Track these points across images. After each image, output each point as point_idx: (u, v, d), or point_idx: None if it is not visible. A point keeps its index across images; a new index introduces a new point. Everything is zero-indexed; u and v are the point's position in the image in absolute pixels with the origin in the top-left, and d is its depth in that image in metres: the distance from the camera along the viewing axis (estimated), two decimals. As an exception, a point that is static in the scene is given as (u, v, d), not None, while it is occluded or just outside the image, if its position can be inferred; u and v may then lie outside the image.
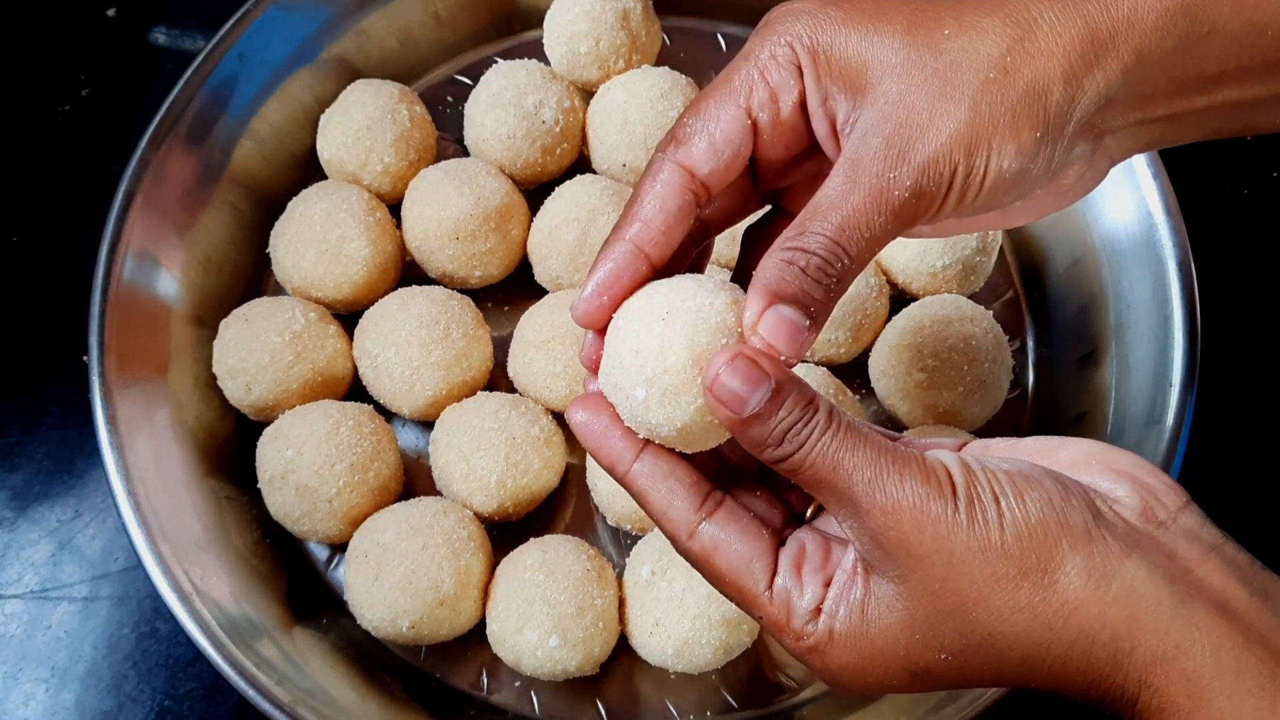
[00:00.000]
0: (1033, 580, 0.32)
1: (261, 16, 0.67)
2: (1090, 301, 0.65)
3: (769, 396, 0.32)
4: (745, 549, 0.36)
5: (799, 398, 0.33)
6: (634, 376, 0.35)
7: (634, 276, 0.37)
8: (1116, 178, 0.63)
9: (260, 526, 0.61)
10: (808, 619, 0.35)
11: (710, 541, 0.36)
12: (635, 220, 0.37)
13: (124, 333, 0.59)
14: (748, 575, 0.36)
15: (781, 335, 0.33)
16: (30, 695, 0.61)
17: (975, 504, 0.32)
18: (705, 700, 0.58)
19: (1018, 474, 0.33)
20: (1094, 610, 0.31)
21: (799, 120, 0.37)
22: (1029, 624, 0.32)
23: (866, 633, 0.34)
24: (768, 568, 0.36)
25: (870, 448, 0.33)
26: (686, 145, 0.37)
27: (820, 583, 0.35)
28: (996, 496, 0.32)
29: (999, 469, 0.33)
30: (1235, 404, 0.70)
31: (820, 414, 0.33)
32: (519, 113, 0.66)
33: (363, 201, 0.65)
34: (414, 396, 0.61)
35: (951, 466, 0.33)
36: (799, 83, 0.36)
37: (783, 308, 0.33)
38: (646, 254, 0.37)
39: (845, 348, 0.63)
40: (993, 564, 0.32)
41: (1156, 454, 0.56)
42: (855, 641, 0.34)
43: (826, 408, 0.33)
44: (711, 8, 0.77)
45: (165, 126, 0.63)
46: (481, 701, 0.59)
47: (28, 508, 0.66)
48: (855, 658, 0.35)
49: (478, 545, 0.57)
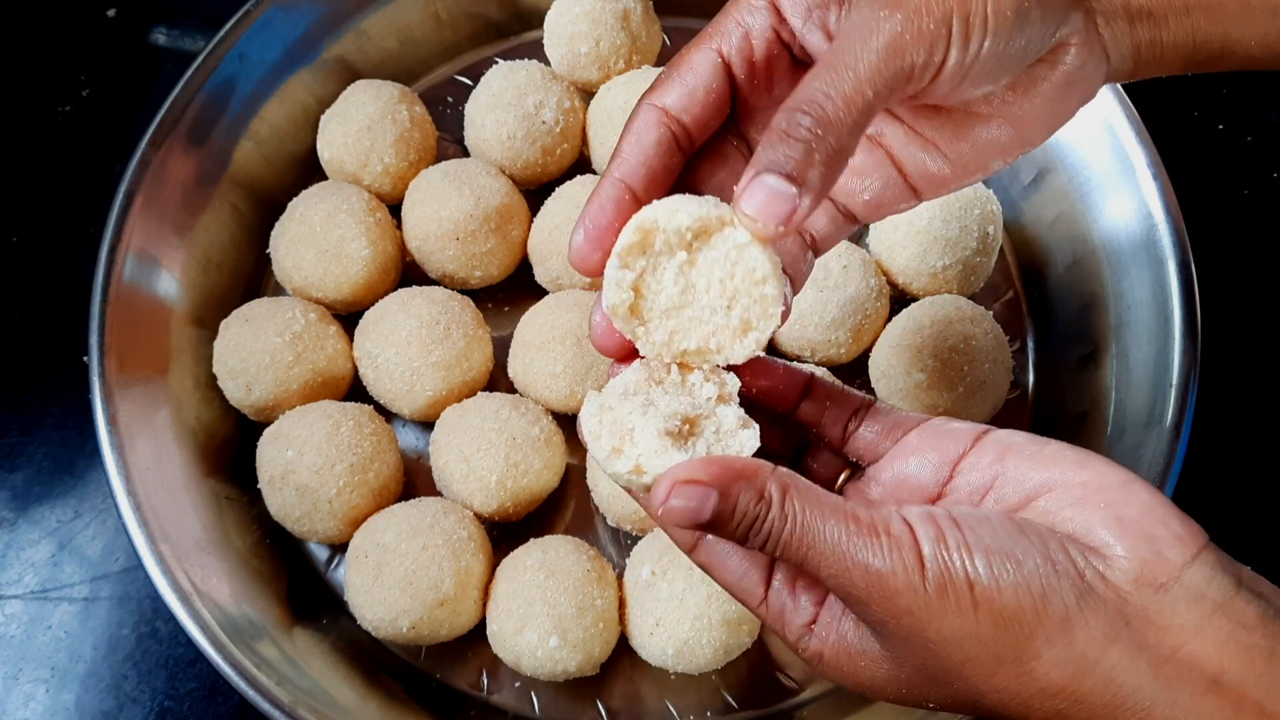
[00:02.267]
0: (1010, 667, 0.32)
1: (261, 17, 0.67)
2: (1090, 301, 0.65)
3: (717, 501, 0.32)
4: (737, 565, 0.38)
5: (749, 494, 0.33)
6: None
7: (619, 207, 0.37)
8: (1117, 178, 0.63)
9: (260, 527, 0.61)
10: (801, 633, 0.37)
11: (707, 556, 0.38)
12: (617, 158, 0.38)
13: (124, 333, 0.59)
14: (742, 590, 0.38)
15: (762, 201, 0.32)
16: (30, 695, 0.61)
17: (948, 589, 0.32)
18: (705, 700, 0.58)
19: (998, 551, 0.32)
20: (1071, 698, 0.32)
21: (777, 55, 0.39)
22: (1008, 701, 0.33)
23: (855, 671, 0.36)
24: (761, 581, 0.37)
25: (834, 528, 0.32)
26: (660, 89, 0.38)
27: (814, 600, 0.37)
28: (971, 582, 0.32)
29: (978, 543, 0.32)
30: (1235, 404, 0.70)
31: (774, 509, 0.33)
32: (519, 113, 0.66)
33: (363, 202, 0.65)
34: (414, 397, 0.61)
35: (923, 539, 0.32)
36: (772, 18, 0.38)
37: (767, 176, 0.32)
38: (629, 185, 0.37)
39: (845, 348, 0.63)
40: (968, 650, 0.32)
41: (1157, 454, 0.56)
42: (845, 671, 0.36)
43: (779, 499, 0.33)
44: (712, 8, 0.76)
45: (165, 127, 0.63)
46: (481, 702, 0.59)
47: (28, 508, 0.66)
48: (849, 680, 0.36)
49: (478, 546, 0.57)
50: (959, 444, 0.37)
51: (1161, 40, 0.40)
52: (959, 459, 0.37)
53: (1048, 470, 0.35)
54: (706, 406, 0.38)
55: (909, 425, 0.38)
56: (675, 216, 0.36)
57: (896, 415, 0.39)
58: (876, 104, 0.33)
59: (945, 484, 0.37)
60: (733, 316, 0.37)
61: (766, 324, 0.37)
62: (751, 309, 0.36)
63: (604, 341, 0.39)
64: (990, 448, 0.36)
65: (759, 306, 0.36)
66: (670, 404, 0.37)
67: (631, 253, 0.36)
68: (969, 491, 0.36)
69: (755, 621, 0.56)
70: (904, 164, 0.42)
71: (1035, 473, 0.35)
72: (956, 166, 0.41)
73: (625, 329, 0.38)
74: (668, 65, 0.39)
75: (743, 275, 0.36)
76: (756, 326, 0.37)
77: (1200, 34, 0.40)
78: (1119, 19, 0.39)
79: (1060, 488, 0.34)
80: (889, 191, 0.42)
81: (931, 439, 0.38)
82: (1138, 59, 0.40)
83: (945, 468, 0.37)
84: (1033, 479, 0.35)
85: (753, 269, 0.36)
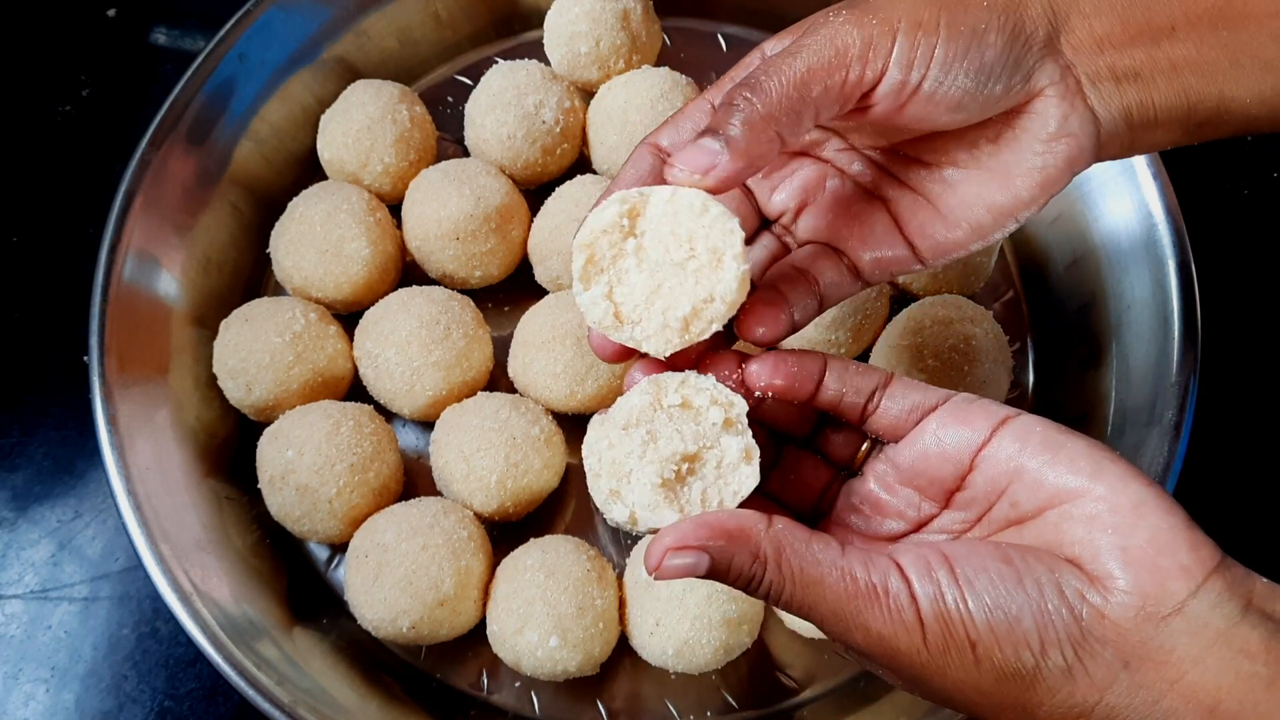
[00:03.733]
0: (1012, 713, 0.34)
1: (261, 17, 0.67)
2: (1090, 301, 0.65)
3: (711, 562, 0.34)
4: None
5: (743, 555, 0.34)
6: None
7: (653, 172, 0.40)
8: (1117, 178, 0.63)
9: (260, 527, 0.61)
10: None
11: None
12: (615, 183, 0.41)
13: (124, 333, 0.59)
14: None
15: (688, 154, 0.36)
16: (30, 695, 0.61)
17: (949, 649, 0.33)
18: (705, 700, 0.59)
19: (996, 608, 0.33)
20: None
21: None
22: None
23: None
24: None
25: (832, 590, 0.33)
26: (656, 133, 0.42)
27: None
28: (972, 641, 0.33)
29: (977, 600, 0.33)
30: (1235, 404, 0.70)
31: (769, 570, 0.34)
32: (519, 113, 0.66)
33: (363, 202, 0.65)
34: (414, 397, 0.61)
35: (921, 598, 0.33)
36: None
37: (702, 139, 0.36)
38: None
39: (845, 348, 0.63)
40: (971, 698, 0.34)
41: (1157, 454, 0.56)
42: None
43: (774, 559, 0.34)
44: (712, 8, 0.77)
45: (165, 127, 0.63)
46: (482, 702, 0.59)
47: (28, 508, 0.66)
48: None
49: (478, 545, 0.57)
50: (978, 433, 0.37)
51: (1153, 102, 0.39)
52: (979, 448, 0.37)
53: (1063, 476, 0.35)
54: (711, 434, 0.38)
55: (929, 406, 0.38)
56: (603, 215, 0.37)
57: (917, 393, 0.39)
58: (812, 81, 0.36)
59: (964, 476, 0.37)
60: (700, 255, 0.37)
61: (731, 240, 0.37)
62: (712, 237, 0.37)
63: (603, 350, 0.40)
64: (1009, 439, 0.36)
65: (716, 231, 0.37)
66: (670, 440, 0.38)
67: (587, 272, 0.38)
68: (986, 490, 0.37)
69: (755, 621, 0.56)
70: (901, 217, 0.42)
71: (1051, 478, 0.35)
72: (950, 224, 0.41)
73: (621, 338, 0.38)
74: (668, 118, 0.42)
75: (686, 217, 0.37)
76: (725, 250, 0.37)
77: (1193, 94, 0.40)
78: (1104, 80, 0.39)
79: (1073, 501, 0.34)
80: (892, 249, 0.43)
81: (952, 424, 0.37)
82: (1130, 121, 0.40)
83: (965, 458, 0.37)
84: (1047, 486, 0.35)
85: (690, 205, 0.37)
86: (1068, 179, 0.40)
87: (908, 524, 0.39)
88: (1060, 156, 0.39)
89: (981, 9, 0.37)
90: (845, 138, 0.44)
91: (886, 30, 0.36)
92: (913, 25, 0.36)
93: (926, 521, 0.39)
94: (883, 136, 0.43)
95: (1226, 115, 0.40)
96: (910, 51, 0.36)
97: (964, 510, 0.38)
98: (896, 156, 0.43)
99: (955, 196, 0.41)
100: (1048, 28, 0.38)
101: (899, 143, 0.43)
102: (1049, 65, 0.38)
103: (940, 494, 0.38)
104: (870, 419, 0.39)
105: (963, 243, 0.42)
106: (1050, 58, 0.38)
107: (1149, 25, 0.39)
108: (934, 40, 0.37)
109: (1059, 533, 0.34)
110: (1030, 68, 0.38)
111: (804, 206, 0.45)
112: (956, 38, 0.37)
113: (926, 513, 0.39)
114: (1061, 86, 0.38)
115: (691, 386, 0.39)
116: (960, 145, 0.41)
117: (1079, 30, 0.39)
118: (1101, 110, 0.39)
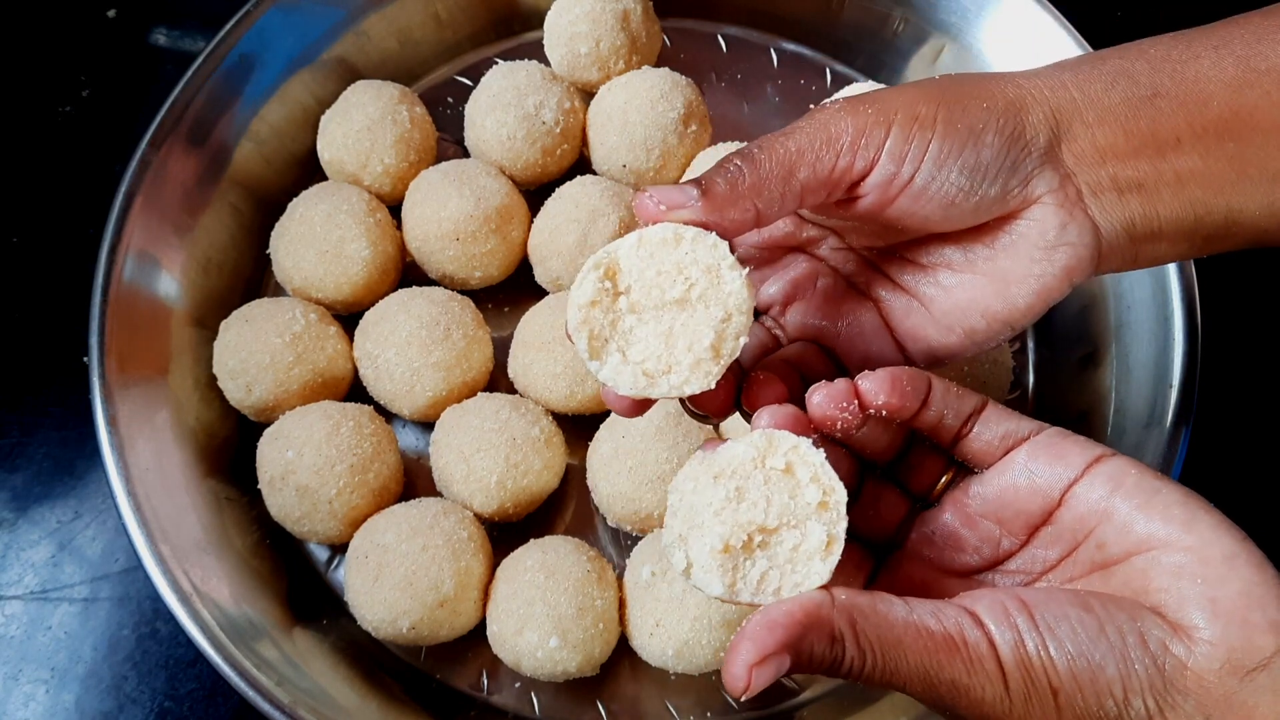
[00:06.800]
0: None
1: (262, 17, 0.67)
2: (1090, 301, 0.65)
3: (792, 661, 0.32)
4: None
5: (821, 643, 0.32)
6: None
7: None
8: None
9: (260, 527, 0.61)
10: None
11: None
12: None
13: (124, 333, 0.59)
14: None
15: (663, 191, 0.36)
16: (30, 696, 0.61)
17: (1032, 697, 0.32)
18: (705, 701, 0.58)
19: (1079, 656, 0.32)
20: None
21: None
22: None
23: None
24: None
25: (911, 650, 0.32)
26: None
27: None
28: (1055, 689, 0.32)
29: (1059, 648, 0.32)
30: (1235, 404, 0.70)
31: (849, 648, 0.32)
32: (519, 114, 0.66)
33: (363, 202, 0.65)
34: (414, 397, 0.61)
35: (1001, 644, 0.32)
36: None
37: (683, 184, 0.36)
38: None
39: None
40: None
41: (1156, 454, 0.56)
42: None
43: (851, 636, 0.32)
44: (712, 9, 0.77)
45: (165, 127, 0.63)
46: (482, 702, 0.59)
47: (28, 508, 0.66)
48: None
49: (478, 546, 0.57)
50: (1070, 469, 0.36)
51: (1157, 214, 0.39)
52: (1069, 486, 0.36)
53: (1154, 525, 0.34)
54: (799, 513, 0.36)
55: (1021, 436, 0.37)
56: (584, 290, 0.37)
57: (1010, 421, 0.37)
58: (800, 164, 0.36)
59: (1052, 511, 0.36)
60: (697, 280, 0.37)
61: (718, 252, 0.37)
62: (699, 258, 0.37)
63: (621, 407, 0.39)
64: (1102, 479, 0.35)
65: (700, 250, 0.37)
66: (753, 507, 0.36)
67: (594, 349, 0.37)
68: (1073, 529, 0.36)
69: (755, 622, 0.56)
70: (893, 319, 0.42)
71: (1141, 524, 0.34)
72: (944, 328, 0.41)
73: (659, 393, 0.37)
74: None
75: (662, 252, 0.37)
76: (719, 263, 0.37)
77: (1200, 206, 0.39)
78: (1106, 191, 0.38)
79: (1163, 549, 0.34)
80: (880, 350, 0.42)
81: (1044, 458, 0.36)
82: (1133, 233, 0.39)
83: (1055, 493, 0.36)
84: (1137, 531, 0.34)
85: (662, 240, 0.37)
86: (1066, 289, 0.39)
87: (983, 560, 0.38)
88: (1058, 265, 0.39)
89: (981, 110, 0.37)
90: (842, 237, 0.44)
91: (881, 121, 0.36)
92: (909, 119, 0.36)
93: (1005, 558, 0.38)
94: (878, 236, 0.42)
95: (1235, 228, 0.40)
96: (904, 144, 0.36)
97: (1046, 548, 0.37)
98: (892, 257, 0.43)
99: (950, 300, 0.41)
100: (1049, 134, 0.38)
101: (895, 244, 0.42)
102: (1048, 172, 0.38)
103: (1023, 529, 0.37)
104: (961, 443, 0.38)
105: (955, 348, 0.41)
106: (1050, 165, 0.38)
107: (1154, 137, 0.38)
108: (929, 135, 0.36)
109: (1145, 579, 0.33)
110: (1029, 173, 0.38)
111: (792, 300, 0.44)
112: (953, 135, 0.37)
113: (1005, 549, 0.38)
114: (1060, 194, 0.38)
115: (800, 455, 0.36)
116: (956, 249, 0.40)
117: (1081, 139, 0.38)
118: (1103, 221, 0.39)
